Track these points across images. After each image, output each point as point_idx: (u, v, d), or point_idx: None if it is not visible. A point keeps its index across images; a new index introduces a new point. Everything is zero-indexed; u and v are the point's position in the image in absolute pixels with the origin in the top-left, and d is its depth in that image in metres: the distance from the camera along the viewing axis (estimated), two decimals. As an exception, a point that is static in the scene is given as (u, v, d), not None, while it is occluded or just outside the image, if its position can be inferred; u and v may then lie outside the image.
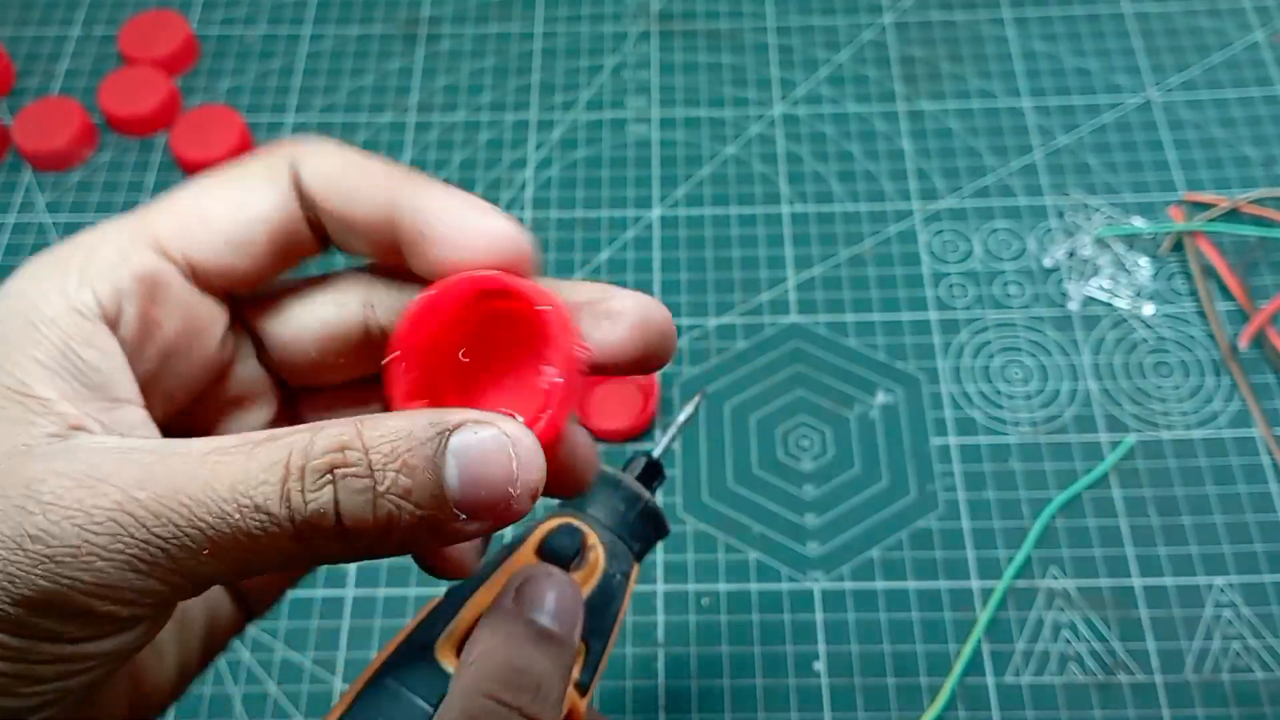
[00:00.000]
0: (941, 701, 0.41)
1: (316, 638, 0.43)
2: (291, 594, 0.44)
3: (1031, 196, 0.53)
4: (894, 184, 0.54)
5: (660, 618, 0.43)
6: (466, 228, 0.22)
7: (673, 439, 0.34)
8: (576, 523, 0.29)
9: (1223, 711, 0.41)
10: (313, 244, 0.24)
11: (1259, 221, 0.52)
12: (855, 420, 0.47)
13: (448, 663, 0.25)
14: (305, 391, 0.26)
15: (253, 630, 0.43)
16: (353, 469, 0.19)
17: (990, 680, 0.41)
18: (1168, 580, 0.43)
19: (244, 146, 0.55)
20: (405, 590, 0.44)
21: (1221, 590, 0.43)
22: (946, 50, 0.59)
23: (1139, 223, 0.52)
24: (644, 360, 0.23)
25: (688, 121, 0.57)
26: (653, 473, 0.33)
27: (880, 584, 0.44)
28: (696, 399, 0.36)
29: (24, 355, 0.20)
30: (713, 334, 0.50)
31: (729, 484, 0.46)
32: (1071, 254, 0.51)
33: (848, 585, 0.44)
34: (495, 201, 0.57)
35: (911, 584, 0.43)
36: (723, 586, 0.44)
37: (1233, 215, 0.52)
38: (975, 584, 0.43)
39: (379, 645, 0.43)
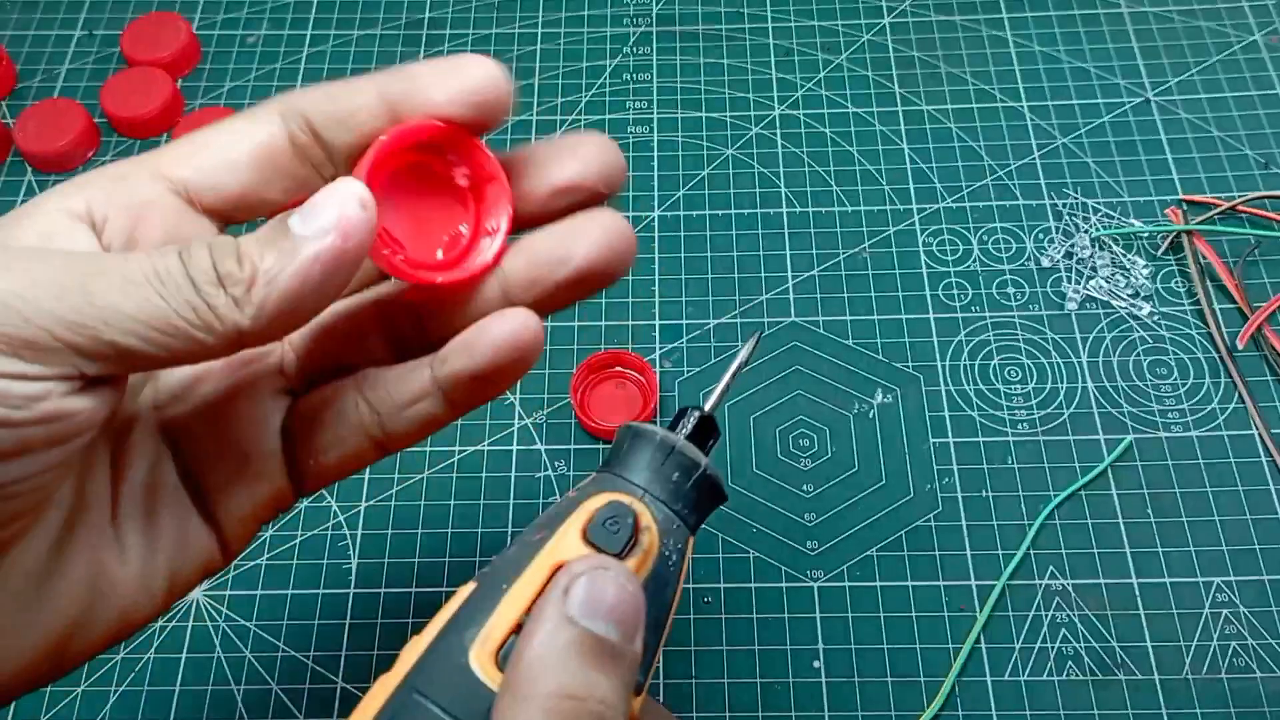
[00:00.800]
0: (940, 700, 0.41)
1: (318, 637, 0.43)
2: (292, 592, 0.44)
3: (1030, 197, 0.53)
4: (893, 185, 0.54)
5: (660, 616, 0.43)
6: (444, 68, 0.25)
7: (728, 387, 0.29)
8: (626, 500, 0.25)
9: (1221, 710, 0.41)
10: (297, 165, 0.26)
11: (1257, 222, 0.52)
12: (854, 420, 0.47)
13: (486, 674, 0.22)
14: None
15: (254, 628, 0.43)
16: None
17: (989, 679, 0.42)
18: (1166, 579, 0.43)
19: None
20: (407, 590, 0.44)
21: (1220, 589, 0.43)
22: (945, 51, 0.59)
23: (1137, 223, 0.52)
24: (600, 184, 0.26)
25: (687, 123, 0.57)
26: (707, 431, 0.28)
27: (879, 582, 0.44)
28: (754, 338, 0.31)
29: (7, 235, 0.23)
30: (713, 334, 0.50)
31: (729, 483, 0.46)
32: (1070, 254, 0.51)
33: (847, 584, 0.44)
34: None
35: (910, 583, 0.44)
36: (723, 585, 0.44)
37: (1230, 216, 0.52)
38: (974, 583, 0.44)
39: (380, 644, 0.43)
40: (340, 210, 0.22)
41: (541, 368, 0.49)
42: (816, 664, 0.42)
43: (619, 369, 0.48)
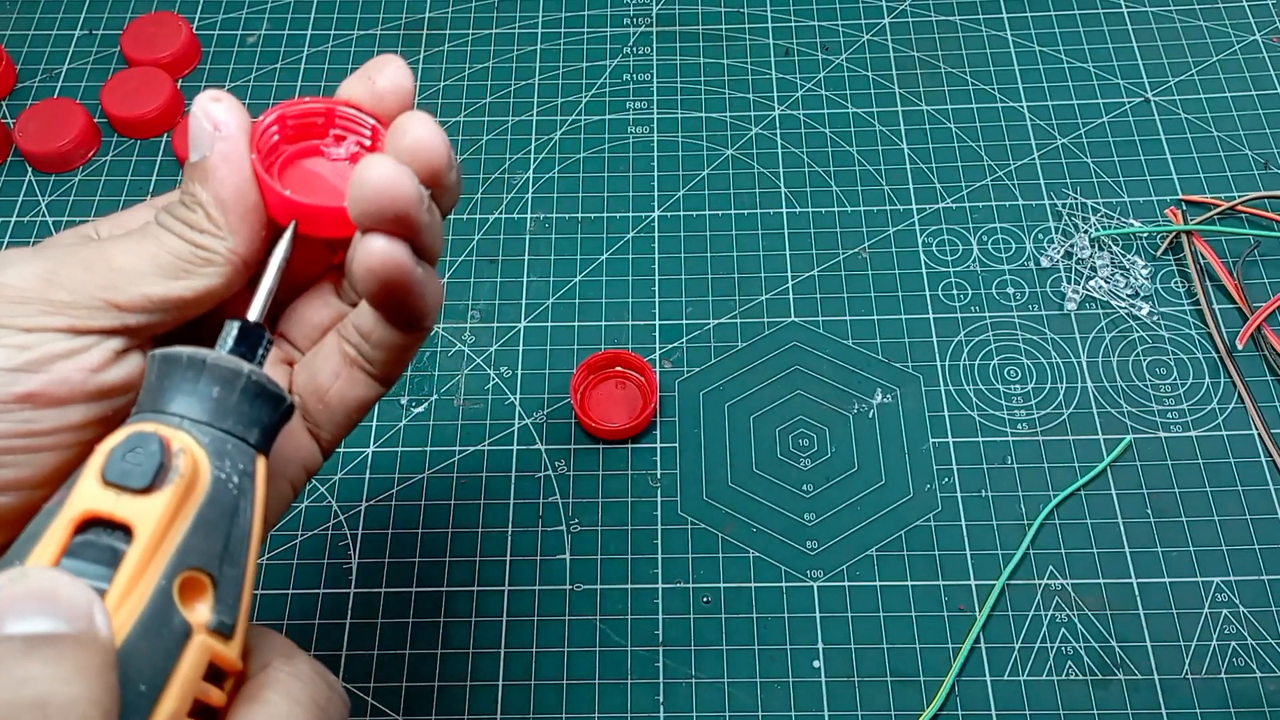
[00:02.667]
0: (939, 700, 0.41)
1: (318, 637, 0.43)
2: (293, 592, 0.44)
3: (1029, 197, 0.53)
4: (893, 185, 0.54)
5: (660, 616, 0.43)
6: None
7: (272, 289, 0.27)
8: (150, 428, 0.22)
9: (1221, 710, 0.41)
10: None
11: (1256, 222, 0.52)
12: (854, 420, 0.48)
13: None
14: None
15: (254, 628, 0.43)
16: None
17: (988, 678, 0.42)
18: (1165, 579, 0.43)
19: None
20: (407, 590, 0.44)
21: (1219, 589, 0.43)
22: (945, 51, 0.59)
23: (1137, 223, 0.52)
24: (427, 181, 0.27)
25: (687, 123, 0.57)
26: (252, 340, 0.25)
27: (879, 582, 0.44)
28: (289, 228, 0.27)
29: None
30: (713, 334, 0.50)
31: (728, 483, 0.46)
32: (1069, 255, 0.51)
33: (847, 584, 0.44)
34: (497, 203, 0.58)
35: (910, 582, 0.44)
36: (722, 585, 0.44)
37: (1230, 216, 0.52)
38: (973, 582, 0.44)
39: (380, 645, 0.43)
40: (204, 120, 0.27)
41: (541, 368, 0.49)
42: (816, 664, 0.42)
43: (619, 369, 0.48)
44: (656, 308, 0.51)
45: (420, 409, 0.48)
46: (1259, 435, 0.46)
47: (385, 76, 0.29)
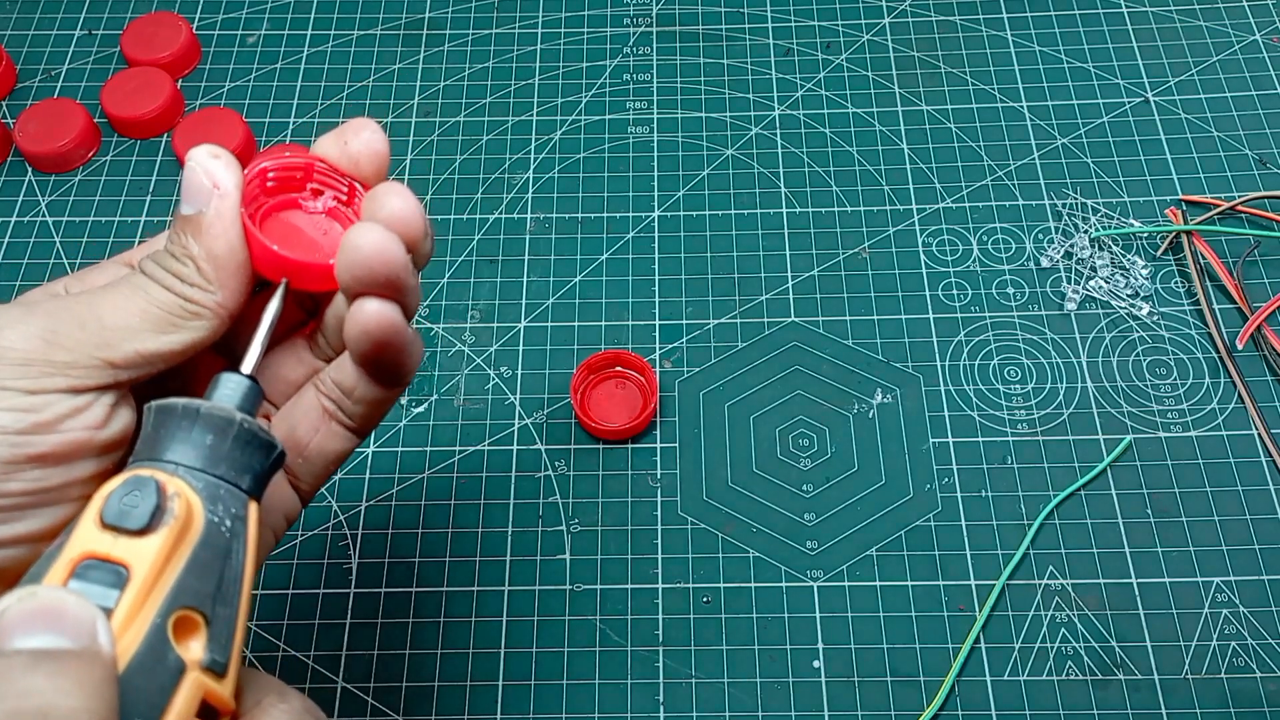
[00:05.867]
0: (939, 700, 0.41)
1: (318, 637, 0.43)
2: (292, 592, 0.44)
3: (1029, 197, 0.53)
4: (893, 185, 0.54)
5: (660, 616, 0.43)
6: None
7: (265, 342, 0.28)
8: (147, 473, 0.24)
9: (1221, 710, 0.41)
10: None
11: (1256, 222, 0.52)
12: (854, 420, 0.48)
13: None
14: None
15: (254, 628, 0.44)
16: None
17: (988, 678, 0.42)
18: (1165, 579, 0.43)
19: (247, 148, 0.55)
20: (407, 590, 0.44)
21: (1219, 589, 0.43)
22: (945, 51, 0.59)
23: (1137, 223, 0.52)
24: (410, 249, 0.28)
25: (687, 123, 0.57)
26: (245, 391, 0.27)
27: (879, 582, 0.44)
28: (280, 286, 0.28)
29: None
30: (713, 334, 0.50)
31: (728, 483, 0.46)
32: (1069, 255, 0.51)
33: (847, 584, 0.44)
34: (497, 202, 0.58)
35: (910, 582, 0.44)
36: (723, 585, 0.44)
37: (1230, 216, 0.52)
38: (973, 582, 0.44)
39: (380, 645, 0.43)
40: (203, 178, 0.27)
41: (541, 368, 0.49)
42: (816, 664, 0.42)
43: (619, 369, 0.48)
44: (656, 308, 0.51)
45: (420, 409, 0.48)
46: (1259, 435, 0.46)
47: (360, 141, 0.29)
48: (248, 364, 0.27)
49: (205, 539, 0.24)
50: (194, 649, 0.23)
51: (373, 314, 0.27)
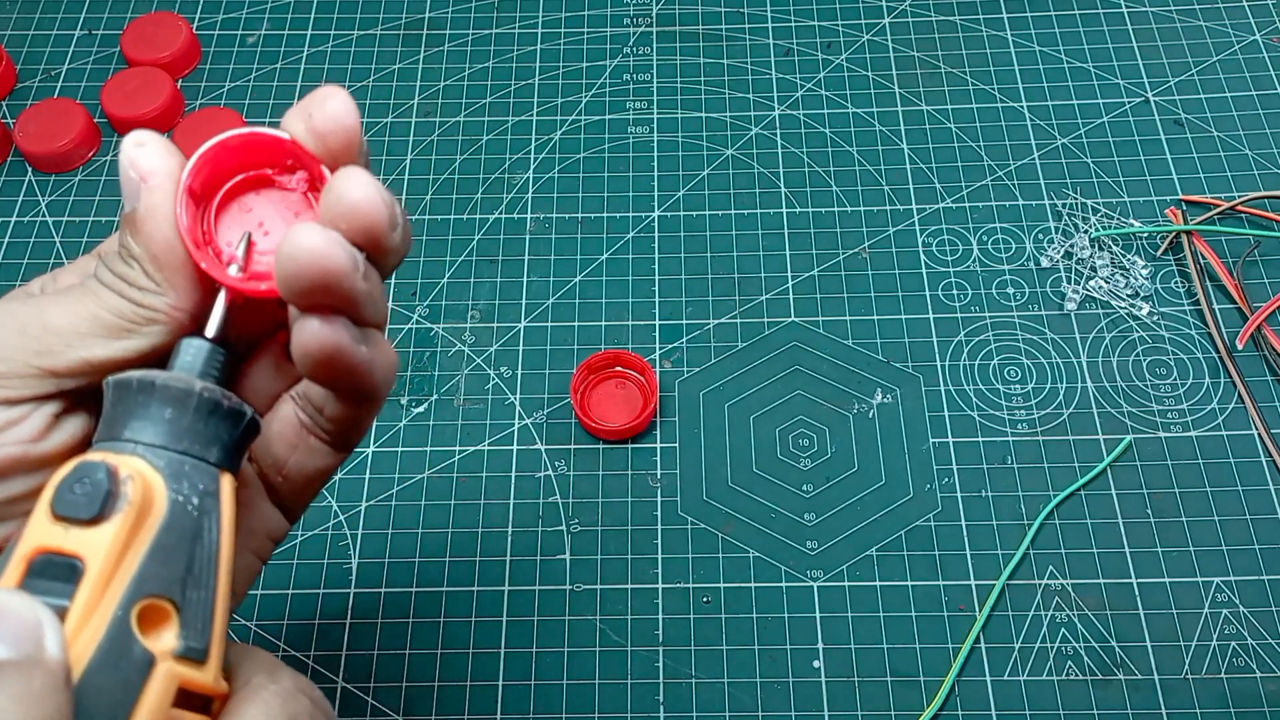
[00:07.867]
0: (939, 700, 0.41)
1: (318, 637, 0.43)
2: (293, 592, 0.44)
3: (1029, 197, 0.53)
4: (893, 185, 0.54)
5: (660, 616, 0.43)
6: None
7: (225, 307, 0.25)
8: (97, 457, 0.22)
9: (1221, 710, 0.41)
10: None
11: (1256, 222, 0.52)
12: (854, 419, 0.48)
13: None
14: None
15: (254, 628, 0.44)
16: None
17: (988, 678, 0.42)
18: (1165, 579, 0.43)
19: (245, 147, 0.55)
20: (407, 590, 0.44)
21: (1219, 589, 0.43)
22: (945, 51, 0.59)
23: (1137, 223, 0.52)
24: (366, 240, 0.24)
25: (687, 123, 0.57)
26: (207, 357, 0.25)
27: (879, 582, 0.44)
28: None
29: None
30: (713, 334, 0.50)
31: (728, 483, 0.46)
32: (1069, 255, 0.51)
33: (847, 584, 0.44)
34: (497, 202, 0.58)
35: (910, 582, 0.44)
36: (723, 585, 0.44)
37: (1230, 216, 0.52)
38: (973, 582, 0.44)
39: (380, 644, 0.43)
40: (129, 169, 0.25)
41: (541, 368, 0.49)
42: (816, 664, 0.42)
43: (619, 369, 0.48)
44: (656, 308, 0.51)
45: (420, 409, 0.48)
46: (1259, 435, 0.46)
47: (325, 113, 0.25)
48: (211, 327, 0.25)
49: (170, 521, 0.22)
50: (165, 638, 0.22)
51: (311, 335, 0.23)
